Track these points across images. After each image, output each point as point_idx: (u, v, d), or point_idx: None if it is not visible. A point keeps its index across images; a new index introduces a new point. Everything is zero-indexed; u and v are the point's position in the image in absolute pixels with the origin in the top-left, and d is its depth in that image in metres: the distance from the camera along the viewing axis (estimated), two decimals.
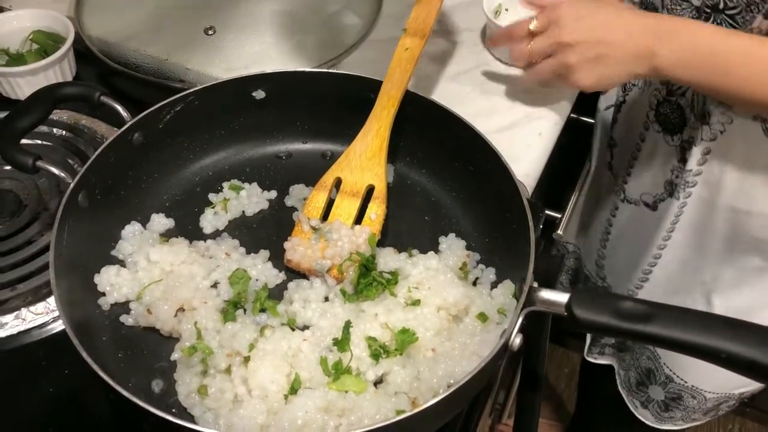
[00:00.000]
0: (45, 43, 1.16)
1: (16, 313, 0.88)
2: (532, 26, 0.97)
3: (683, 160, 1.03)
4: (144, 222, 0.91)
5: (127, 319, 0.83)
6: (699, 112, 0.99)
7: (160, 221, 0.92)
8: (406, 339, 0.78)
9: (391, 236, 0.91)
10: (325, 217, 0.92)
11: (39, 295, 0.90)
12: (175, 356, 0.79)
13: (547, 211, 1.13)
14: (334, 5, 1.27)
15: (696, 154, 1.00)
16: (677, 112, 1.04)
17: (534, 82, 1.06)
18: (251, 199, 0.95)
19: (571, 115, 1.19)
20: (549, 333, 0.97)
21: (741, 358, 0.66)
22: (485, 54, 1.23)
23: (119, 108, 0.94)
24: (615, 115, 1.22)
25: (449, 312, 0.81)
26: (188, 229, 0.92)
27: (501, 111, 1.14)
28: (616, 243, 1.27)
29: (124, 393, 0.66)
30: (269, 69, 0.97)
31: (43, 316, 0.88)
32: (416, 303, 0.81)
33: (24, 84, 1.11)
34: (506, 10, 1.22)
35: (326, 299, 0.84)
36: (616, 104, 1.21)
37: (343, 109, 0.96)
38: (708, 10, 0.90)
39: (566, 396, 2.11)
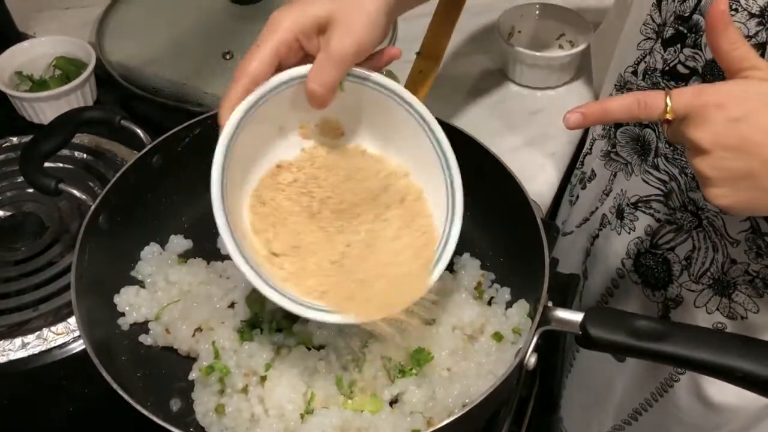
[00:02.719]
0: (67, 69, 1.19)
1: (37, 333, 0.90)
2: (668, 111, 0.63)
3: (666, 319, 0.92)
4: (163, 243, 0.92)
5: (146, 339, 0.84)
6: (716, 279, 0.87)
7: (179, 242, 0.93)
8: (421, 358, 0.78)
9: None
10: None
11: (60, 315, 0.91)
12: (192, 376, 0.80)
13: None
14: None
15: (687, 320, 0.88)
16: (663, 266, 0.90)
17: None
18: None
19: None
20: (564, 352, 0.97)
21: (758, 378, 0.65)
22: (499, 74, 1.25)
23: (139, 131, 0.96)
24: (590, 243, 1.06)
25: (464, 331, 0.82)
26: (206, 250, 0.93)
27: (515, 131, 1.15)
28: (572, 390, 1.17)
29: (144, 412, 0.67)
30: None
31: (64, 336, 0.89)
32: (431, 323, 0.81)
33: (47, 108, 1.14)
34: (519, 32, 1.24)
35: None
36: (593, 234, 1.06)
37: None
38: None
39: None
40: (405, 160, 0.80)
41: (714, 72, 0.77)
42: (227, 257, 0.92)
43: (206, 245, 0.94)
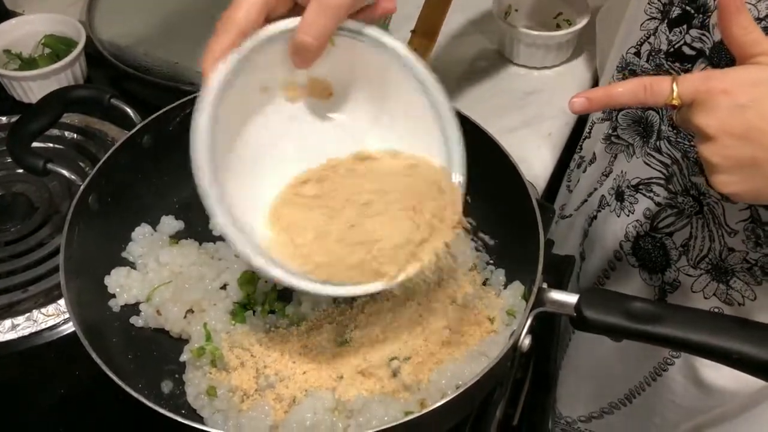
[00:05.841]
0: (57, 48, 1.17)
1: (27, 315, 0.89)
2: (674, 96, 0.62)
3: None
4: (154, 224, 0.91)
5: (137, 321, 0.83)
6: (714, 265, 0.86)
7: (170, 223, 0.92)
8: (414, 339, 0.78)
9: None
10: None
11: (50, 297, 0.90)
12: (184, 357, 0.79)
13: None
14: None
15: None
16: (660, 250, 0.90)
17: None
18: None
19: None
20: (559, 333, 0.97)
21: (753, 359, 0.65)
22: (496, 54, 1.23)
23: (129, 111, 0.95)
24: (588, 224, 1.06)
25: (458, 313, 0.81)
26: (198, 231, 0.92)
27: (511, 111, 1.14)
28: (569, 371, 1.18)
29: (134, 394, 0.67)
30: None
31: (54, 317, 0.89)
32: (425, 303, 0.80)
33: (36, 88, 1.12)
34: (516, 10, 1.22)
35: (335, 300, 0.84)
36: (591, 215, 1.04)
37: None
38: None
39: None
40: (397, 122, 0.75)
41: (721, 54, 0.75)
42: (219, 238, 0.91)
43: (198, 226, 0.93)
